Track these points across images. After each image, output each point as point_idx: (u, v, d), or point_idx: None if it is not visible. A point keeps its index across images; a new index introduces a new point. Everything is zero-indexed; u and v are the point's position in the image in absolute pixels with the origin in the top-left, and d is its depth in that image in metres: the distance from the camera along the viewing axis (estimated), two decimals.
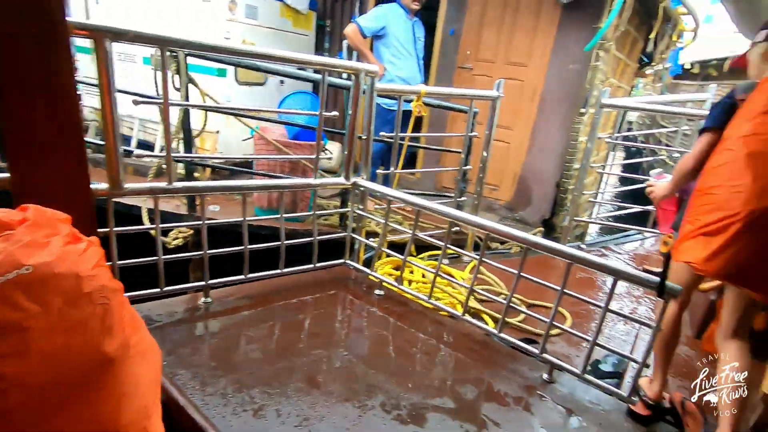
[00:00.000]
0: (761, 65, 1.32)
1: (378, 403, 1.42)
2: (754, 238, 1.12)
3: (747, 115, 1.19)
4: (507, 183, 4.01)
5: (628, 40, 4.04)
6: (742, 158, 1.15)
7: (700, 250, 1.19)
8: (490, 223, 1.80)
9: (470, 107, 2.47)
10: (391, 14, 3.30)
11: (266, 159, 2.73)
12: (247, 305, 1.89)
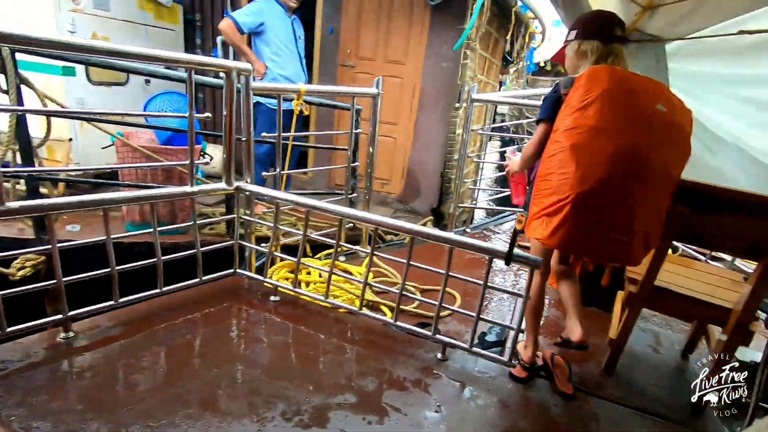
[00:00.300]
0: (575, 62, 1.51)
1: (278, 413, 1.38)
2: (580, 215, 1.31)
3: (567, 111, 1.35)
4: (396, 177, 4.17)
5: (491, 41, 4.48)
6: (567, 149, 1.31)
7: (544, 228, 1.37)
8: (377, 217, 1.85)
9: (352, 105, 2.50)
10: (268, 10, 3.17)
11: (131, 168, 2.44)
12: (123, 333, 1.68)
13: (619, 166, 1.28)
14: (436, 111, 3.90)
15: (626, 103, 1.31)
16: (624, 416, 1.63)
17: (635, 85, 1.34)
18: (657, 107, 1.31)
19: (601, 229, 1.33)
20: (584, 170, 1.28)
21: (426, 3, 3.61)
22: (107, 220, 1.64)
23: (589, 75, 1.33)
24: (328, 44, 3.99)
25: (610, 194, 1.29)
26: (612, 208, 1.31)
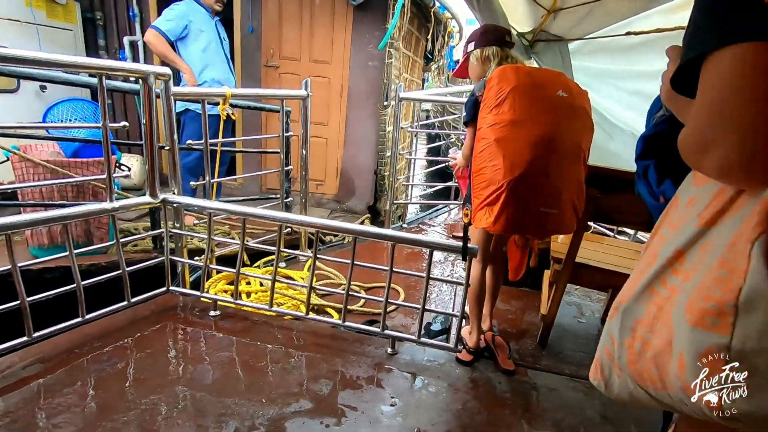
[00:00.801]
0: (481, 67, 1.73)
1: (231, 430, 1.33)
2: (515, 199, 1.48)
3: (486, 110, 1.53)
4: (331, 177, 4.16)
5: (413, 40, 4.61)
6: (493, 143, 1.49)
7: (488, 217, 1.53)
8: (318, 219, 1.84)
9: (281, 107, 2.45)
10: (191, 12, 2.98)
11: (35, 186, 2.18)
12: (42, 371, 1.51)
13: (540, 150, 1.46)
14: (365, 109, 3.94)
15: (533, 95, 1.50)
16: (559, 383, 1.80)
17: (538, 79, 1.54)
18: (558, 93, 1.52)
19: (535, 207, 1.51)
20: (511, 159, 1.46)
21: (348, 3, 3.62)
22: (11, 247, 1.46)
23: (498, 75, 1.52)
24: (249, 44, 3.85)
25: (537, 175, 1.48)
26: (541, 187, 1.50)
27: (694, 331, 0.48)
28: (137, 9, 3.71)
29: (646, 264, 0.60)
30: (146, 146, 1.82)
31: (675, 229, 0.58)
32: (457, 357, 1.83)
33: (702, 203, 0.54)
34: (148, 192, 1.90)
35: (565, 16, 2.44)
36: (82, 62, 1.61)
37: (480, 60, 1.72)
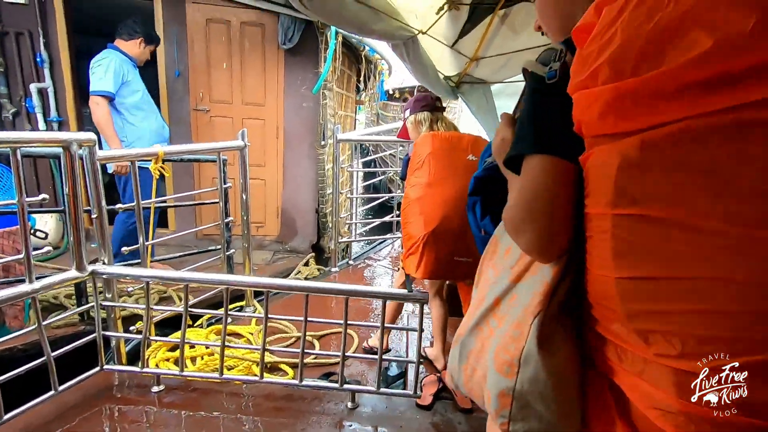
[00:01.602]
0: (416, 129, 1.97)
1: None
2: (431, 250, 1.72)
3: (410, 171, 1.82)
4: (271, 218, 4.07)
5: (345, 77, 4.72)
6: (414, 202, 1.76)
7: (413, 265, 1.77)
8: (265, 279, 1.81)
9: (218, 158, 2.38)
10: (122, 65, 2.78)
11: None
12: None
13: (450, 208, 1.70)
14: (303, 149, 3.94)
15: (447, 160, 1.77)
16: None
17: (452, 144, 1.80)
18: (468, 158, 1.77)
19: (450, 256, 1.73)
20: (426, 216, 1.72)
21: (278, 46, 3.64)
22: None
23: (419, 143, 1.82)
24: (176, 89, 3.71)
25: (448, 230, 1.70)
26: (454, 239, 1.71)
27: (496, 374, 0.65)
28: (46, 54, 3.44)
29: (477, 303, 0.74)
30: (70, 217, 1.68)
31: (497, 275, 0.72)
32: (417, 402, 1.85)
33: (514, 258, 0.70)
34: (74, 265, 1.74)
35: (487, 64, 2.66)
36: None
37: (414, 124, 1.96)
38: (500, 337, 0.66)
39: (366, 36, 2.03)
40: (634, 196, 0.48)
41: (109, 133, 2.72)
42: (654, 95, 0.45)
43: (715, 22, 0.41)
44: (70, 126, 3.62)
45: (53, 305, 2.49)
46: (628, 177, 0.48)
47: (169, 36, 3.59)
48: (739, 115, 0.41)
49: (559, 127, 0.57)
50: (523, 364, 0.62)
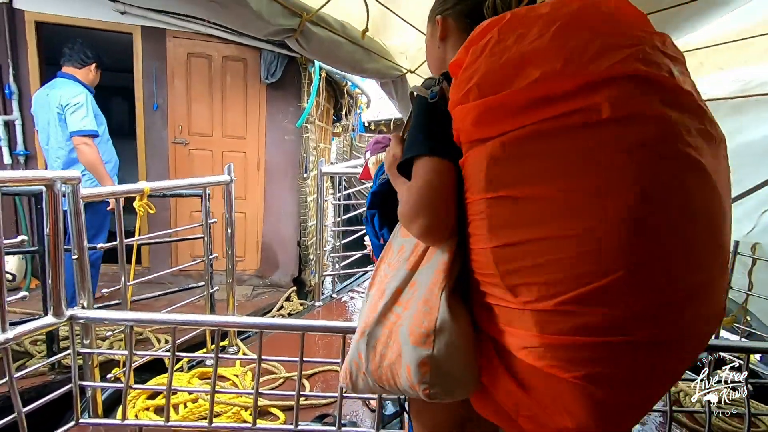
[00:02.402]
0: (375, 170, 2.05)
1: None
2: None
3: None
4: (251, 252, 3.97)
5: (325, 111, 4.79)
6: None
7: None
8: (258, 320, 1.74)
9: (204, 194, 2.33)
10: (90, 97, 2.71)
11: None
12: None
13: None
14: (284, 182, 3.91)
15: None
16: None
17: None
18: None
19: None
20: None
21: (260, 81, 3.66)
22: None
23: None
24: (153, 121, 3.64)
25: None
26: None
27: (414, 348, 0.72)
28: (15, 86, 3.32)
29: (378, 298, 0.82)
30: (50, 258, 1.58)
31: (393, 270, 0.82)
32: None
33: (408, 251, 0.82)
34: (51, 309, 1.62)
35: None
36: None
37: (375, 164, 2.02)
38: (410, 317, 0.75)
39: (358, 74, 2.09)
40: (500, 183, 0.64)
41: (102, 172, 2.65)
42: (507, 108, 0.63)
43: (540, 61, 0.61)
44: (38, 160, 3.46)
45: (16, 352, 2.30)
46: (495, 169, 0.65)
47: (148, 69, 3.55)
48: (558, 122, 0.60)
49: (441, 136, 0.73)
50: (439, 333, 0.71)
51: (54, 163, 2.75)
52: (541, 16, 0.64)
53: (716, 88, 2.21)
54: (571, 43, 0.61)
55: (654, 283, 0.58)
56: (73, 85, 2.71)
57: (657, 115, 0.59)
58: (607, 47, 0.60)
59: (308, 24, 1.67)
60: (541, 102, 0.61)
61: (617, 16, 0.65)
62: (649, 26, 0.66)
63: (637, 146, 0.58)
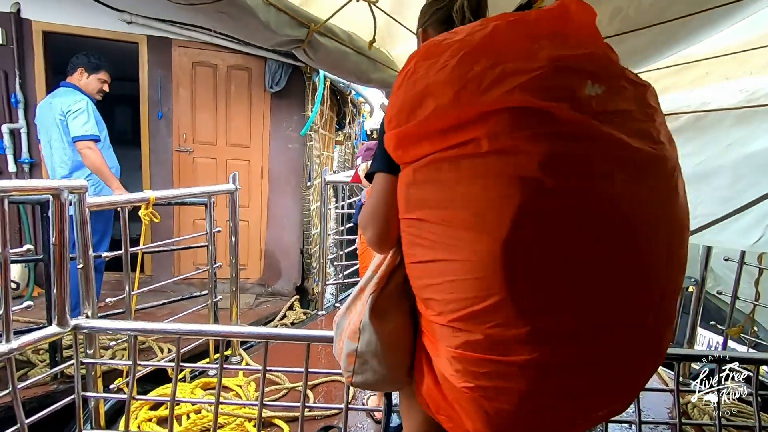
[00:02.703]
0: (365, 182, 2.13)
1: None
2: None
3: None
4: (254, 260, 3.96)
5: (328, 119, 4.81)
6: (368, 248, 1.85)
7: None
8: (264, 330, 1.73)
9: (208, 202, 2.33)
10: (91, 104, 2.77)
11: None
12: None
13: None
14: (288, 190, 3.92)
15: None
16: None
17: None
18: None
19: None
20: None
21: (265, 90, 3.68)
22: None
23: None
24: (158, 129, 3.66)
25: None
26: None
27: (348, 341, 0.84)
28: (21, 95, 3.34)
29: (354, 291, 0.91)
30: (56, 268, 1.58)
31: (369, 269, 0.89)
32: None
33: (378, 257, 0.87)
34: (55, 319, 1.61)
35: None
36: None
37: (364, 171, 2.09)
38: (356, 314, 0.85)
39: (364, 84, 2.10)
40: (412, 205, 0.70)
41: (108, 173, 2.71)
42: (414, 138, 0.68)
43: (437, 92, 0.64)
44: (42, 168, 3.47)
45: (19, 362, 2.28)
46: (408, 192, 0.70)
47: (154, 78, 3.57)
48: (450, 153, 0.64)
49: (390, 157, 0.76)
50: (362, 331, 0.81)
51: (59, 169, 2.77)
52: (453, 44, 0.65)
53: (722, 99, 2.21)
54: (470, 73, 0.61)
55: (539, 308, 0.60)
56: (73, 92, 2.77)
57: (537, 150, 0.58)
58: (506, 74, 0.60)
59: (316, 35, 1.68)
60: (436, 134, 0.65)
61: (540, 31, 0.64)
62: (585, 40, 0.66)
63: (514, 179, 0.58)
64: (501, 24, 0.65)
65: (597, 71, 0.63)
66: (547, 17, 0.66)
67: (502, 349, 0.62)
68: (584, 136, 0.60)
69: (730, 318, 2.63)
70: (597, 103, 0.61)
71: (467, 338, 0.64)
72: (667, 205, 0.65)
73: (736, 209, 2.17)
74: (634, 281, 0.63)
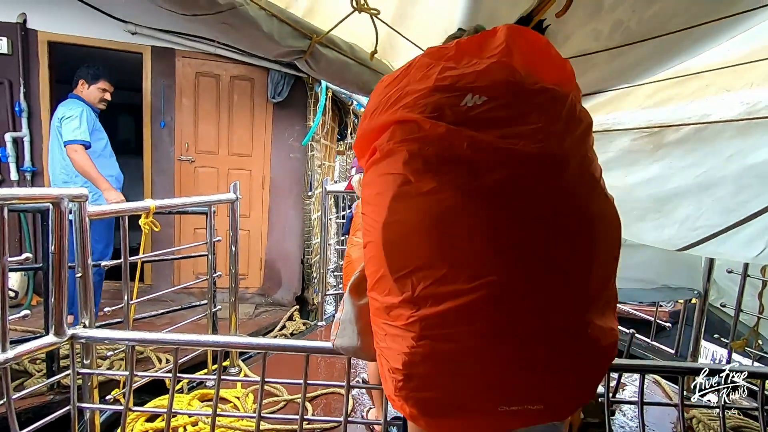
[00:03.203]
0: (359, 189, 2.14)
1: None
2: None
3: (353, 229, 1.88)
4: (254, 269, 3.94)
5: (330, 130, 4.83)
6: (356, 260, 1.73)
7: None
8: (264, 340, 1.71)
9: (209, 212, 2.32)
10: (88, 113, 2.85)
11: None
12: None
13: None
14: (289, 200, 3.92)
15: None
16: None
17: None
18: None
19: None
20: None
21: (267, 100, 3.71)
22: None
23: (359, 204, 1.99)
24: (161, 138, 3.68)
25: None
26: None
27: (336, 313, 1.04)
28: (25, 104, 3.36)
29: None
30: (54, 276, 1.57)
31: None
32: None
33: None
34: (52, 328, 1.60)
35: None
36: None
37: (359, 184, 2.14)
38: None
39: (365, 95, 2.10)
40: (363, 200, 0.84)
41: (94, 175, 2.76)
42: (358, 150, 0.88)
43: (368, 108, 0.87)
44: (44, 175, 3.48)
45: (15, 371, 2.26)
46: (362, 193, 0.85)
47: (157, 88, 3.60)
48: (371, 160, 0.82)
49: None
50: (344, 303, 1.00)
51: (60, 174, 2.87)
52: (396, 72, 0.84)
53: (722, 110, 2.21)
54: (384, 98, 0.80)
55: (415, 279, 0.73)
56: (73, 102, 2.87)
57: (402, 151, 0.75)
58: (402, 96, 0.77)
59: (318, 46, 1.69)
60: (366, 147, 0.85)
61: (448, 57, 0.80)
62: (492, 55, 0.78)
63: (390, 175, 0.76)
64: (420, 56, 0.82)
65: (482, 86, 0.74)
66: (466, 44, 0.80)
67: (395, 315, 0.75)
68: (443, 138, 0.73)
69: (734, 331, 2.60)
70: (474, 111, 0.73)
71: (375, 305, 0.80)
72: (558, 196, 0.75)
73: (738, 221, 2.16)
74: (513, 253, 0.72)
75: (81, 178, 2.80)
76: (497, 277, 0.70)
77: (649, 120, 2.33)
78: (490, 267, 0.70)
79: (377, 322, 0.81)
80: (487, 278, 0.69)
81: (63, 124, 2.78)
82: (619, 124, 2.47)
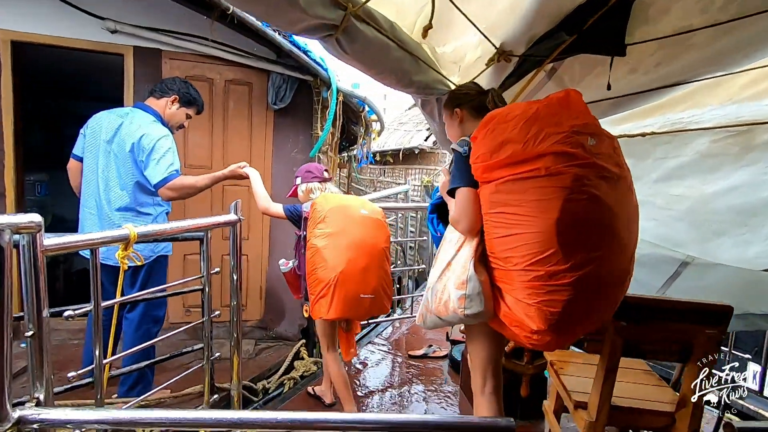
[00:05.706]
0: (305, 196, 2.31)
1: None
2: (342, 290, 2.01)
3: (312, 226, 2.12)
4: (253, 299, 3.47)
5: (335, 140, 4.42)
6: (320, 249, 2.04)
7: (323, 307, 2.03)
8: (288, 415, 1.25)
9: (206, 237, 1.88)
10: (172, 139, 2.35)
11: None
12: None
13: (353, 252, 2.04)
14: None
15: (343, 214, 2.10)
16: None
17: (346, 201, 2.20)
18: (361, 212, 2.15)
19: (356, 294, 2.04)
20: (334, 260, 2.02)
21: (267, 106, 3.29)
22: None
23: (319, 201, 2.15)
24: None
25: (354, 271, 2.02)
26: (358, 279, 2.03)
27: (456, 290, 1.38)
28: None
29: (438, 266, 1.48)
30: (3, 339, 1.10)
31: (447, 251, 1.47)
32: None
33: (455, 240, 1.45)
34: None
35: None
36: None
37: (305, 192, 2.32)
38: (454, 275, 1.39)
39: (402, 88, 1.71)
40: (493, 205, 1.30)
41: (202, 183, 2.36)
42: (496, 168, 1.28)
43: (512, 143, 1.25)
44: (8, 199, 2.99)
45: None
46: (491, 198, 1.30)
47: (140, 94, 3.15)
48: (522, 175, 1.23)
49: (468, 174, 1.39)
50: (469, 281, 1.34)
51: (113, 215, 2.29)
52: (516, 116, 1.26)
53: None
54: (529, 134, 1.22)
55: (577, 253, 1.17)
56: (158, 125, 2.32)
57: (570, 173, 1.17)
58: (548, 134, 1.20)
59: (353, 19, 1.29)
60: (513, 165, 1.24)
61: (562, 109, 1.26)
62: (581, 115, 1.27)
63: (560, 188, 1.17)
64: (540, 106, 1.26)
65: (592, 131, 1.24)
66: (556, 100, 1.28)
67: (556, 277, 1.17)
68: (589, 165, 1.19)
69: None
70: (594, 148, 1.21)
71: (536, 274, 1.19)
72: (627, 201, 1.28)
73: None
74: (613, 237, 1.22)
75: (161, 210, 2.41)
76: (603, 252, 1.20)
77: (738, 116, 1.99)
78: (602, 245, 1.20)
79: (535, 285, 1.20)
80: (599, 252, 1.19)
81: (154, 155, 2.21)
82: (696, 123, 2.12)
